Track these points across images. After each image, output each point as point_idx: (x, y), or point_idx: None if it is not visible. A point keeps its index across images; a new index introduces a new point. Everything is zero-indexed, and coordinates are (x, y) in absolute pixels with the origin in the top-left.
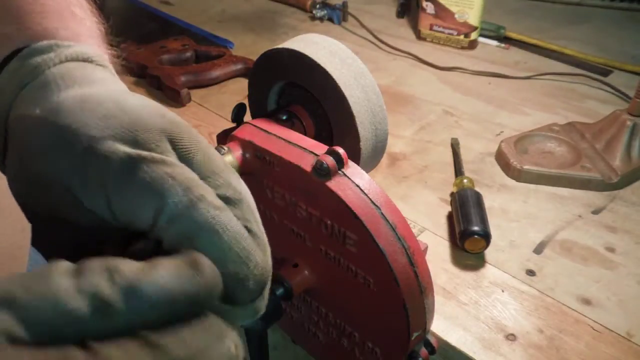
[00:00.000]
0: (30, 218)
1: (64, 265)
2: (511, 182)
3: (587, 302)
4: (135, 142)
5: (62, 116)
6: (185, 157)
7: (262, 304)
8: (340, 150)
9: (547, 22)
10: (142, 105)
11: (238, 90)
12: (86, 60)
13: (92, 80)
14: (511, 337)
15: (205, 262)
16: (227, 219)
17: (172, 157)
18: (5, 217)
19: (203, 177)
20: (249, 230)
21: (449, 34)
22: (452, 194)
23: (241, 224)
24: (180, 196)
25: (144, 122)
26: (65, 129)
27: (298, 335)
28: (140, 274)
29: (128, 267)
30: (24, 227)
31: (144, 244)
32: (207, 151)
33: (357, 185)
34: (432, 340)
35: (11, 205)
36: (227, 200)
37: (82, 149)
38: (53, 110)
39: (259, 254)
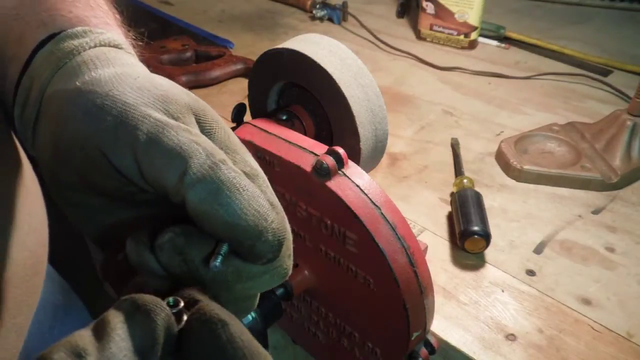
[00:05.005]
0: (56, 196)
1: None
2: (511, 182)
3: (587, 302)
4: (165, 112)
5: (100, 86)
6: (207, 132)
7: (288, 263)
8: (340, 150)
9: (547, 22)
10: (170, 84)
11: (238, 90)
12: (116, 46)
13: (124, 62)
14: (511, 337)
15: None
16: (246, 182)
17: (196, 129)
18: (32, 232)
19: None
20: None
21: (449, 34)
22: (452, 194)
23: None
24: (204, 158)
25: (173, 96)
26: (102, 95)
27: (298, 335)
28: None
29: None
30: (45, 243)
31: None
32: (227, 130)
33: (357, 185)
34: (432, 340)
35: (36, 221)
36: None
37: (117, 112)
38: (90, 82)
39: (275, 214)
